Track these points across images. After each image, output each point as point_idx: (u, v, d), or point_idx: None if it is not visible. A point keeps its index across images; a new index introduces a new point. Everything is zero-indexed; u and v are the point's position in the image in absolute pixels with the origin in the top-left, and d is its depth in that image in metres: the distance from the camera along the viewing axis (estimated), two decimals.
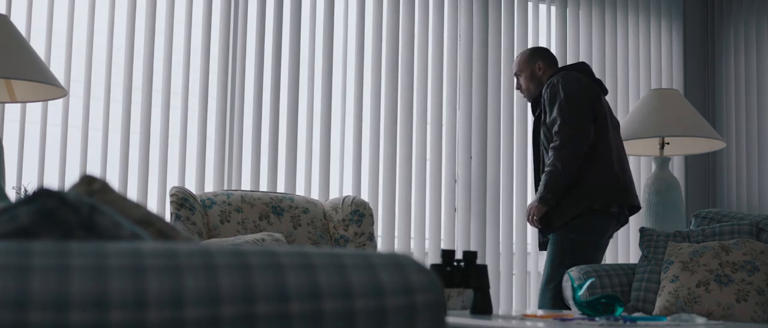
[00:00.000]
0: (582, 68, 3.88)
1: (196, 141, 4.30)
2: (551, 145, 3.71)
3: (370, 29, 4.74)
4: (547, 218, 3.76)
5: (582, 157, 3.67)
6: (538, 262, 4.96)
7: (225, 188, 4.31)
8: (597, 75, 5.32)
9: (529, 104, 4.04)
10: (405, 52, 4.80)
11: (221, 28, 4.40)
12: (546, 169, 3.71)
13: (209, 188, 4.30)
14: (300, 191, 4.49)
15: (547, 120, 3.75)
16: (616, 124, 3.94)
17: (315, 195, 4.49)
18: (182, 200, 3.63)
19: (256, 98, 4.42)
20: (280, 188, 4.43)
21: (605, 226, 3.77)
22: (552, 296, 3.71)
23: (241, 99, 4.39)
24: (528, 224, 4.60)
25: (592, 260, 3.75)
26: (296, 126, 4.50)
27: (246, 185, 4.41)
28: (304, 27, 4.60)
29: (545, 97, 3.78)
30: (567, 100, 3.69)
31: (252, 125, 4.41)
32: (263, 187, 4.42)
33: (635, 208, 3.87)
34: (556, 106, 3.71)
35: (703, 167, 5.62)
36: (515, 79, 4.01)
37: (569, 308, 3.62)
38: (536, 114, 3.91)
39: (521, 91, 3.99)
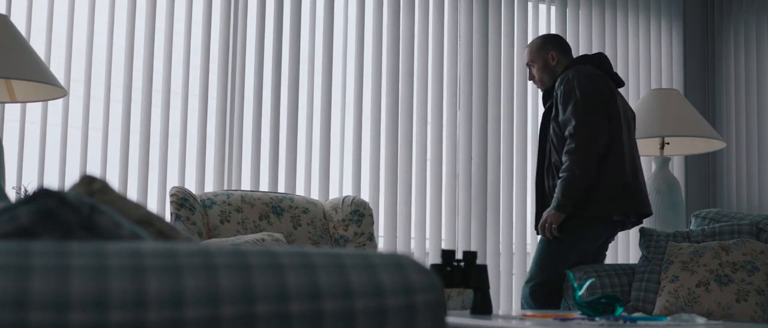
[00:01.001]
0: (597, 61, 3.74)
1: (196, 141, 4.30)
2: (565, 149, 3.55)
3: (370, 29, 4.74)
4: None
5: (598, 160, 3.54)
6: None
7: (225, 188, 4.31)
8: None
9: (541, 95, 3.85)
10: (405, 52, 4.80)
11: (221, 28, 4.40)
12: (561, 174, 3.55)
13: (209, 188, 4.30)
14: (300, 191, 4.49)
15: (560, 118, 3.60)
16: (632, 116, 3.80)
17: (315, 195, 4.49)
18: (182, 200, 3.63)
19: (256, 98, 4.42)
20: (280, 187, 4.43)
21: (600, 234, 3.66)
22: (529, 295, 3.63)
23: (241, 99, 4.39)
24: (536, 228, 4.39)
25: (567, 265, 3.64)
26: (296, 126, 4.50)
27: (246, 185, 4.41)
28: (304, 27, 4.60)
29: (559, 94, 3.62)
30: (582, 100, 3.53)
31: (252, 125, 4.41)
32: (263, 187, 4.42)
33: (646, 214, 3.72)
34: (570, 106, 3.55)
35: (703, 167, 5.62)
36: (527, 70, 3.85)
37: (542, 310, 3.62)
38: (547, 107, 3.76)
39: (534, 82, 3.84)
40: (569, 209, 3.54)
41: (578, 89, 3.55)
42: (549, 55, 3.78)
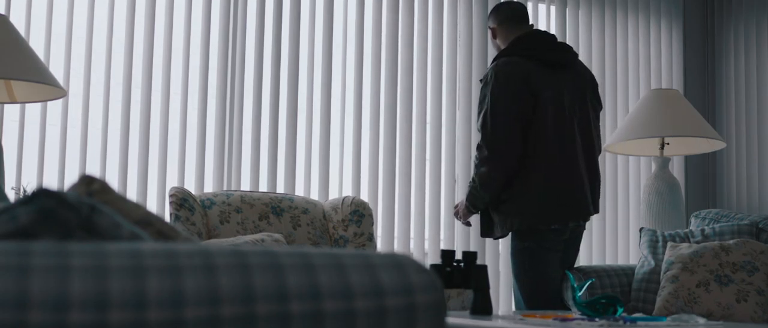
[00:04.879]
0: (530, 44, 3.49)
1: (195, 141, 4.30)
2: (474, 158, 3.46)
3: (369, 29, 4.74)
4: (490, 220, 3.55)
5: (502, 179, 3.39)
6: None
7: (224, 188, 4.31)
8: (597, 75, 5.31)
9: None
10: (404, 52, 4.80)
11: (220, 28, 4.40)
12: (471, 178, 3.48)
13: (209, 188, 4.30)
14: (299, 191, 4.49)
15: (477, 124, 3.48)
16: (589, 86, 3.57)
17: (315, 195, 4.49)
18: (182, 200, 3.63)
19: (256, 98, 4.42)
20: (280, 188, 4.43)
21: (551, 240, 3.47)
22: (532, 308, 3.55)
23: (240, 99, 4.39)
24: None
25: (545, 271, 3.50)
26: (296, 126, 4.50)
27: (245, 185, 4.41)
28: (304, 27, 4.60)
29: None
30: (491, 114, 3.37)
31: (251, 125, 4.41)
32: (263, 187, 4.41)
33: (582, 219, 3.51)
34: (481, 117, 3.41)
35: (703, 167, 5.62)
36: None
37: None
38: None
39: None
40: (475, 211, 3.54)
41: (490, 98, 3.38)
42: (490, 28, 3.65)
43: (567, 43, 5.26)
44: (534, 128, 3.38)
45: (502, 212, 3.46)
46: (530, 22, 3.71)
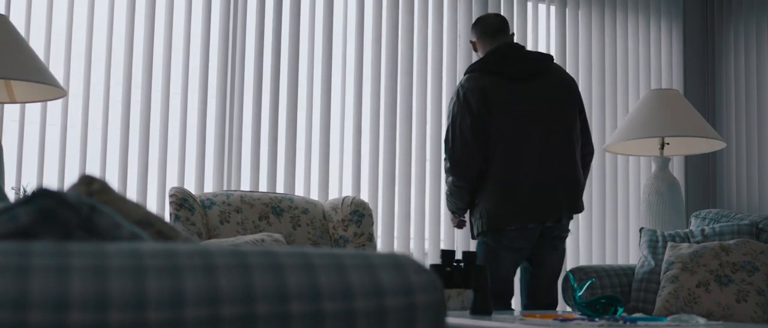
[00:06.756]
0: (492, 59, 3.60)
1: (195, 141, 4.30)
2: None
3: (369, 29, 4.74)
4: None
5: (466, 187, 3.59)
6: None
7: (224, 188, 4.31)
8: (597, 75, 5.31)
9: None
10: (404, 52, 4.80)
11: (220, 28, 4.40)
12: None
13: (208, 188, 4.30)
14: (299, 191, 4.49)
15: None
16: (564, 91, 3.63)
17: (314, 195, 4.49)
18: (182, 200, 3.63)
19: (256, 98, 4.42)
20: (280, 188, 4.43)
21: (510, 238, 3.52)
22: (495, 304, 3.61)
23: (240, 99, 4.39)
24: None
25: (504, 272, 3.55)
26: (295, 126, 4.50)
27: (245, 186, 4.41)
28: (303, 27, 4.60)
29: None
30: (451, 128, 3.61)
31: (251, 126, 4.41)
32: (263, 187, 4.41)
33: (547, 220, 3.53)
34: (446, 129, 3.66)
35: (703, 167, 5.62)
36: None
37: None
38: None
39: None
40: (457, 215, 3.77)
41: (452, 113, 3.63)
42: (471, 41, 3.79)
43: (567, 43, 5.25)
44: (493, 138, 3.54)
45: (473, 214, 3.65)
46: (511, 32, 3.78)
